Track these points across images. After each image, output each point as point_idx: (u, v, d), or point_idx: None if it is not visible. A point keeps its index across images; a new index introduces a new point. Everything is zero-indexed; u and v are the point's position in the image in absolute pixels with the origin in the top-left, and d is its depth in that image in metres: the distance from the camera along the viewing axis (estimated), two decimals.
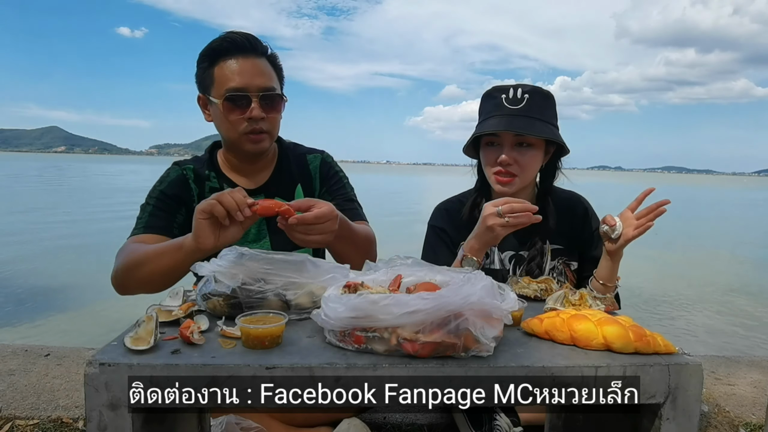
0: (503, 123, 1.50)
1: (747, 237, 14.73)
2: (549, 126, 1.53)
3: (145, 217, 1.48)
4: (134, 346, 0.85)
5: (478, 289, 0.86)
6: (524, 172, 1.54)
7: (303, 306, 1.04)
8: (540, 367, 0.85)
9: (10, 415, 1.87)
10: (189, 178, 1.54)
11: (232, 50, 1.43)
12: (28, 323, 4.93)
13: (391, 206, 19.31)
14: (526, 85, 1.53)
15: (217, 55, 1.44)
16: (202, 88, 1.49)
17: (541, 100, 1.53)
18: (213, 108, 1.47)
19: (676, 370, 0.87)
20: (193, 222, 1.14)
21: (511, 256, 1.64)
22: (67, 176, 41.51)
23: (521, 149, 1.52)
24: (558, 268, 1.63)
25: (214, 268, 1.03)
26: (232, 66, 1.43)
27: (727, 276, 8.76)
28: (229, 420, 1.32)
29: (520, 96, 1.51)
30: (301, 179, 1.61)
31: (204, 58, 1.46)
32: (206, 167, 1.57)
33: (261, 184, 1.58)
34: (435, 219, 1.71)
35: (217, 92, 1.44)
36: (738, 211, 27.04)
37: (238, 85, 1.42)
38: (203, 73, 1.47)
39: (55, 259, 8.05)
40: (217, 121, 1.49)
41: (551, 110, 1.56)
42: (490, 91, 1.58)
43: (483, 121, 1.56)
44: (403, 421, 1.83)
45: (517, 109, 1.51)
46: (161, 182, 1.54)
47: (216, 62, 1.44)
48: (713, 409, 2.06)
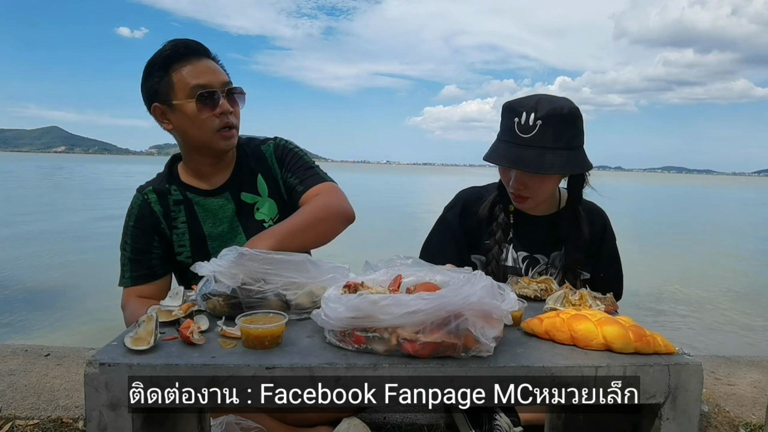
0: (510, 157, 1.47)
1: (747, 237, 14.73)
2: (562, 153, 1.45)
3: (128, 266, 1.54)
4: (134, 346, 0.85)
5: (478, 290, 0.86)
6: (536, 196, 1.54)
7: (303, 306, 1.03)
8: (540, 367, 0.85)
9: (10, 415, 1.87)
10: (151, 201, 1.55)
11: (186, 55, 1.44)
12: (28, 323, 4.94)
13: (392, 206, 19.32)
14: (543, 103, 1.45)
15: (170, 61, 1.44)
16: (158, 98, 1.47)
17: (556, 124, 1.44)
18: (176, 113, 1.46)
19: (676, 370, 0.87)
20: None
21: (524, 257, 1.64)
22: (67, 176, 41.49)
23: (531, 176, 1.49)
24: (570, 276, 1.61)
25: (214, 268, 1.03)
26: (191, 69, 1.44)
27: (728, 276, 8.76)
28: (229, 420, 1.32)
29: (533, 123, 1.44)
30: (261, 170, 1.62)
31: (157, 68, 1.45)
32: (166, 181, 1.59)
33: (222, 183, 1.59)
34: (453, 206, 1.71)
35: (182, 95, 1.44)
36: (738, 210, 27.06)
37: (204, 82, 1.43)
38: (159, 82, 1.45)
39: (55, 259, 8.05)
40: (183, 125, 1.47)
41: (570, 131, 1.47)
42: (506, 108, 1.52)
43: (497, 142, 1.54)
44: (403, 421, 1.83)
45: (527, 139, 1.45)
46: (129, 217, 1.57)
47: (171, 69, 1.44)
48: (713, 409, 2.06)
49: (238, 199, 1.59)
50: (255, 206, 1.60)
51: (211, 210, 1.57)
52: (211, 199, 1.57)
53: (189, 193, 1.57)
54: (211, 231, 1.57)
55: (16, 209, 15.04)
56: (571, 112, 1.46)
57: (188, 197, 1.57)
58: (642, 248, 11.08)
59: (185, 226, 1.57)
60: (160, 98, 1.47)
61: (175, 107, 1.45)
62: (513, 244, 1.63)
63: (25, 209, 15.13)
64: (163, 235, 1.56)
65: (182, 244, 1.57)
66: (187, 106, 1.44)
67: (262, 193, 1.61)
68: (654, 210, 23.31)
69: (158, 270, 1.55)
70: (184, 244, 1.57)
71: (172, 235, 1.56)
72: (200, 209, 1.57)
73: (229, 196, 1.58)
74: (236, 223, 1.59)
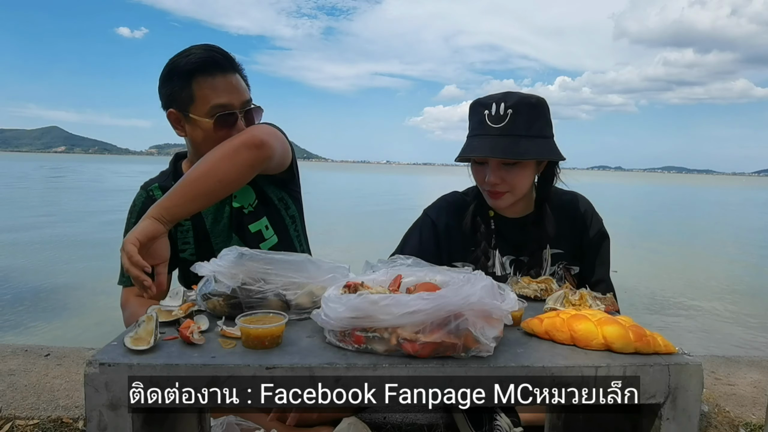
0: (486, 146, 1.45)
1: (747, 237, 14.73)
2: (537, 141, 1.45)
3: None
4: (134, 346, 0.85)
5: (478, 290, 0.86)
6: (514, 189, 1.51)
7: (303, 306, 1.04)
8: (540, 367, 0.85)
9: (10, 415, 1.87)
10: (156, 198, 1.54)
11: (210, 68, 1.42)
12: (28, 323, 4.94)
13: (392, 206, 19.33)
14: (511, 94, 1.45)
15: (194, 73, 1.42)
16: (176, 105, 1.46)
17: (528, 112, 1.45)
18: (192, 125, 1.45)
19: (676, 370, 0.87)
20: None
21: (511, 260, 1.63)
22: (67, 176, 41.52)
23: (508, 168, 1.47)
24: (558, 273, 1.61)
25: (214, 268, 1.04)
26: (214, 85, 1.42)
27: (728, 276, 8.76)
28: (230, 421, 1.32)
29: (503, 112, 1.44)
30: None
31: (179, 75, 1.42)
32: (171, 179, 1.58)
33: None
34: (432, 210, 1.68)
35: (201, 111, 1.42)
36: (738, 210, 27.06)
37: (225, 102, 1.42)
38: (180, 90, 1.43)
39: (55, 259, 8.05)
40: (197, 138, 1.46)
41: (541, 120, 1.48)
42: (474, 104, 1.52)
43: (469, 139, 1.52)
44: (403, 421, 1.83)
45: (500, 128, 1.44)
46: (131, 213, 1.56)
47: (193, 80, 1.42)
48: (713, 409, 2.06)
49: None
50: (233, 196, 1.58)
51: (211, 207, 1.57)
52: None
53: None
54: (213, 227, 1.58)
55: (16, 209, 15.04)
56: (540, 101, 1.47)
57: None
58: (642, 248, 11.08)
59: (189, 223, 1.57)
60: (178, 106, 1.45)
61: (191, 120, 1.45)
62: (498, 249, 1.61)
63: (25, 209, 15.13)
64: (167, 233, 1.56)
65: (186, 241, 1.58)
66: (205, 123, 1.43)
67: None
68: (654, 210, 23.31)
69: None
70: (189, 241, 1.58)
71: (177, 233, 1.56)
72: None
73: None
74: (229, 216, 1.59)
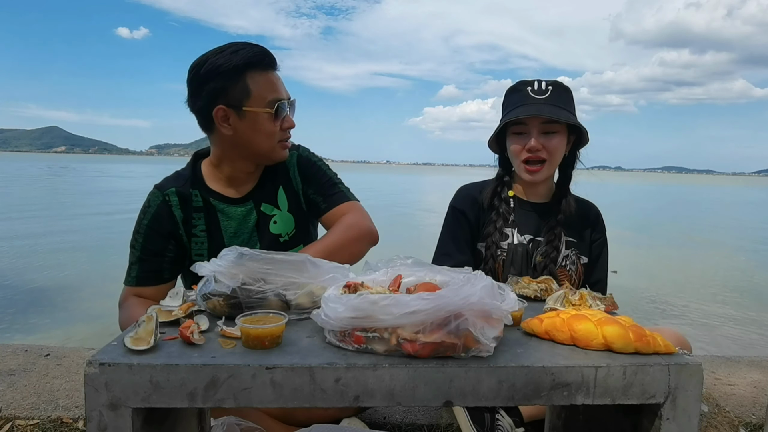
0: (532, 110, 1.60)
1: (747, 237, 14.73)
2: (572, 115, 1.63)
3: (136, 265, 1.50)
4: (134, 346, 0.85)
5: (478, 290, 0.86)
6: (552, 157, 1.64)
7: (303, 306, 1.03)
8: (540, 368, 0.85)
9: (10, 415, 1.87)
10: (172, 204, 1.51)
11: (262, 63, 1.46)
12: (28, 323, 4.93)
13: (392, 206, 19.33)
14: (548, 79, 1.66)
15: (248, 68, 1.43)
16: (226, 100, 1.43)
17: (565, 91, 1.65)
18: (245, 120, 1.45)
19: (676, 370, 0.87)
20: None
21: (529, 239, 1.70)
22: (67, 176, 41.53)
23: (548, 136, 1.62)
24: (571, 257, 1.70)
25: (214, 268, 1.03)
26: (268, 79, 1.47)
27: (728, 276, 8.76)
28: (230, 421, 1.32)
29: (545, 87, 1.63)
30: (283, 182, 1.61)
31: (231, 70, 1.41)
32: (189, 185, 1.55)
33: (248, 191, 1.59)
34: (456, 200, 1.79)
35: (258, 104, 1.44)
36: (738, 210, 27.06)
37: (280, 96, 1.48)
38: (234, 85, 1.42)
39: (55, 259, 8.05)
40: (248, 132, 1.46)
41: (572, 102, 1.68)
42: (515, 86, 1.68)
43: (510, 111, 1.64)
44: (403, 421, 1.83)
45: (543, 99, 1.62)
46: (144, 214, 1.52)
47: (247, 75, 1.43)
48: (713, 409, 2.06)
49: (258, 209, 1.57)
50: (272, 219, 1.58)
51: (235, 218, 1.55)
52: (234, 207, 1.56)
53: (212, 199, 1.54)
54: (231, 240, 1.54)
55: (16, 209, 15.04)
56: (569, 88, 1.68)
57: (211, 204, 1.54)
58: (642, 248, 11.08)
59: (205, 235, 1.53)
60: (229, 101, 1.43)
61: (245, 113, 1.44)
62: (517, 228, 1.70)
63: (25, 209, 15.13)
64: (180, 242, 1.52)
65: (200, 252, 1.53)
66: (262, 115, 1.45)
67: (282, 207, 1.60)
68: (654, 210, 23.32)
69: (166, 274, 1.52)
70: (202, 253, 1.53)
71: (190, 243, 1.53)
72: (223, 217, 1.55)
73: (252, 206, 1.57)
74: (255, 234, 1.57)
